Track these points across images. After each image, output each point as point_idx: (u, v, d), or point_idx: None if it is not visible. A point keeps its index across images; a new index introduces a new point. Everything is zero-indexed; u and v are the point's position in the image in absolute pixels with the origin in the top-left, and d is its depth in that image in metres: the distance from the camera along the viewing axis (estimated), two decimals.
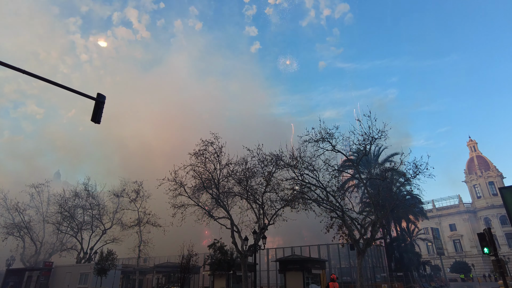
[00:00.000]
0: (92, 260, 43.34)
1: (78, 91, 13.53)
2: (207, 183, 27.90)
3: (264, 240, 27.26)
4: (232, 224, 27.48)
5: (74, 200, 47.48)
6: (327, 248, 38.65)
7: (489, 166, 78.81)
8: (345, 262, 39.41)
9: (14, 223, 49.10)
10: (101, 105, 13.50)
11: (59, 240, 53.00)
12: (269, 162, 26.54)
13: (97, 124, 13.67)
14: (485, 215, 75.27)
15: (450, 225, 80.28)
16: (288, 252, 39.76)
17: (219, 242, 30.32)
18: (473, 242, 73.13)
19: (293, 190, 25.83)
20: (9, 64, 11.60)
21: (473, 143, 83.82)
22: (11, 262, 47.80)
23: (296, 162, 25.18)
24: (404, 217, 46.44)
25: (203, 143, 27.73)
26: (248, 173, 27.44)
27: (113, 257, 34.71)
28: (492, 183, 76.60)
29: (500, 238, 69.56)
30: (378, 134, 23.31)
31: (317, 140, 24.39)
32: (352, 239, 23.83)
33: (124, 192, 46.10)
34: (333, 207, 24.33)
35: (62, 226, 47.41)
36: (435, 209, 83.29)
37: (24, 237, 50.15)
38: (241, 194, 27.88)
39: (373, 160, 45.25)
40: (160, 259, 51.60)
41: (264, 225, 27.12)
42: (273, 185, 26.58)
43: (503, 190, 19.64)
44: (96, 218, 47.35)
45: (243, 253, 26.36)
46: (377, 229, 24.63)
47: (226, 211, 27.66)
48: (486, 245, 16.72)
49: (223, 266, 29.81)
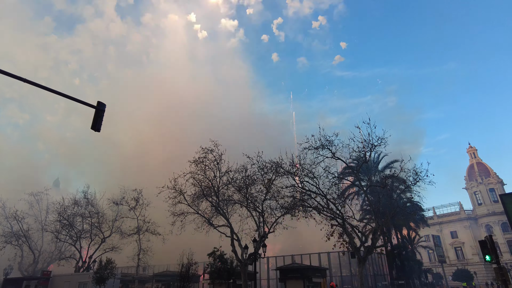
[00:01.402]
0: (91, 269, 42.94)
1: (78, 100, 13.58)
2: (207, 191, 27.81)
3: (264, 249, 27.08)
4: (232, 232, 27.31)
5: (73, 208, 47.22)
6: (327, 256, 38.38)
7: (490, 172, 78.62)
8: (346, 270, 39.09)
9: (13, 232, 48.76)
10: (101, 113, 13.54)
11: (58, 248, 52.61)
12: (269, 170, 26.50)
13: (97, 132, 13.72)
14: (487, 222, 74.81)
15: (451, 233, 79.68)
16: (288, 260, 39.47)
17: (219, 251, 30.09)
18: (474, 250, 72.51)
19: (293, 197, 25.74)
20: (9, 72, 11.68)
21: (473, 149, 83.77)
22: (8, 272, 47.34)
23: (296, 169, 25.16)
24: (405, 225, 46.17)
25: (203, 150, 27.73)
26: (248, 181, 27.37)
27: (112, 266, 34.40)
28: (492, 190, 76.28)
29: (502, 245, 69.00)
30: (377, 141, 23.37)
31: (316, 147, 24.41)
32: (353, 247, 23.68)
33: (123, 200, 45.89)
34: (333, 214, 24.23)
35: (61, 235, 47.07)
36: (436, 216, 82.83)
37: (22, 246, 49.75)
38: (241, 202, 27.79)
39: (373, 167, 45.19)
40: (160, 267, 51.15)
41: (264, 233, 26.96)
42: (273, 192, 26.51)
43: (503, 197, 19.62)
44: (95, 226, 47.02)
45: (243, 262, 26.14)
46: (378, 236, 24.49)
47: (226, 219, 27.52)
48: (487, 253, 16.61)
49: (223, 275, 29.54)
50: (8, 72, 11.60)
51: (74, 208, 47.33)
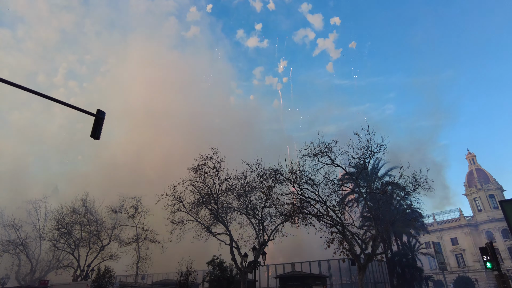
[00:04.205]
0: (89, 278, 42.50)
1: (78, 108, 13.64)
2: (206, 198, 27.75)
3: (264, 256, 26.91)
4: (231, 240, 27.18)
5: (71, 216, 46.96)
6: (328, 264, 38.07)
7: (489, 179, 78.60)
8: (347, 278, 38.76)
9: (10, 240, 48.39)
10: (101, 121, 13.60)
11: (56, 257, 52.09)
12: (268, 177, 26.49)
13: (96, 139, 13.74)
14: (487, 229, 74.54)
15: (452, 239, 79.28)
16: (288, 268, 39.15)
17: (218, 259, 29.88)
18: (475, 257, 72.08)
19: (293, 204, 25.68)
20: (9, 81, 11.75)
21: (472, 156, 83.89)
22: (5, 281, 46.95)
23: (295, 176, 25.14)
24: (405, 231, 45.99)
25: (202, 157, 27.74)
26: (247, 188, 27.34)
27: (110, 275, 34.13)
28: (492, 196, 76.16)
29: (502, 252, 68.59)
30: (376, 147, 23.42)
31: (316, 154, 24.44)
32: (353, 254, 23.54)
33: (122, 208, 45.66)
34: (333, 222, 24.14)
35: (59, 243, 46.72)
36: (436, 223, 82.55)
37: (19, 254, 49.33)
38: (240, 209, 27.73)
39: (373, 174, 45.18)
40: (158, 276, 50.68)
41: (264, 241, 26.82)
42: (273, 199, 26.46)
43: (503, 203, 19.52)
44: (93, 234, 46.69)
45: (243, 270, 25.96)
46: (378, 243, 24.38)
47: (225, 227, 27.41)
48: (488, 260, 16.54)
49: (222, 283, 29.27)
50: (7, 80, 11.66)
51: (72, 216, 47.08)
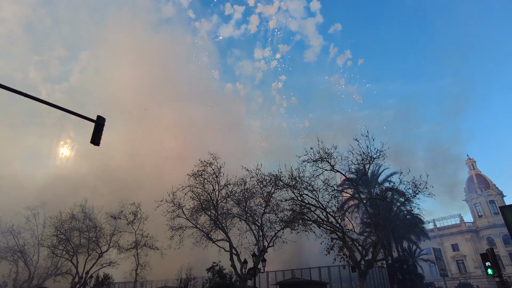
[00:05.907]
0: (88, 285, 42.15)
1: (78, 114, 13.66)
2: (206, 204, 27.66)
3: (264, 263, 26.73)
4: (231, 246, 27.03)
5: (70, 222, 46.72)
6: (328, 270, 37.82)
7: (489, 184, 78.46)
8: (347, 284, 38.49)
9: (8, 247, 48.07)
10: (101, 128, 13.61)
11: (54, 264, 51.69)
12: (268, 183, 26.44)
13: (96, 146, 13.73)
14: (488, 235, 74.19)
15: (453, 245, 78.83)
16: (288, 275, 38.88)
17: (218, 265, 29.66)
18: (477, 263, 71.64)
19: (293, 211, 25.59)
20: (9, 87, 11.79)
21: (472, 161, 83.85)
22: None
23: (295, 182, 25.09)
24: (405, 237, 45.80)
25: (202, 163, 27.72)
26: (247, 194, 27.28)
27: (109, 282, 33.97)
28: (492, 202, 75.95)
29: (504, 258, 68.18)
30: (376, 153, 23.43)
31: (315, 160, 24.43)
32: (353, 261, 23.40)
33: (121, 214, 45.46)
34: (333, 228, 24.04)
35: (57, 250, 46.40)
36: (436, 229, 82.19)
37: (17, 261, 48.99)
38: (240, 216, 27.62)
39: (373, 179, 45.13)
40: (158, 283, 50.27)
41: (264, 247, 26.67)
42: (272, 206, 26.36)
43: (504, 209, 19.48)
44: (92, 240, 46.41)
45: (243, 277, 25.77)
46: (378, 250, 24.24)
47: (224, 233, 27.27)
48: (489, 266, 16.45)
49: None
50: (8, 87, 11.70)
51: (71, 222, 46.85)
